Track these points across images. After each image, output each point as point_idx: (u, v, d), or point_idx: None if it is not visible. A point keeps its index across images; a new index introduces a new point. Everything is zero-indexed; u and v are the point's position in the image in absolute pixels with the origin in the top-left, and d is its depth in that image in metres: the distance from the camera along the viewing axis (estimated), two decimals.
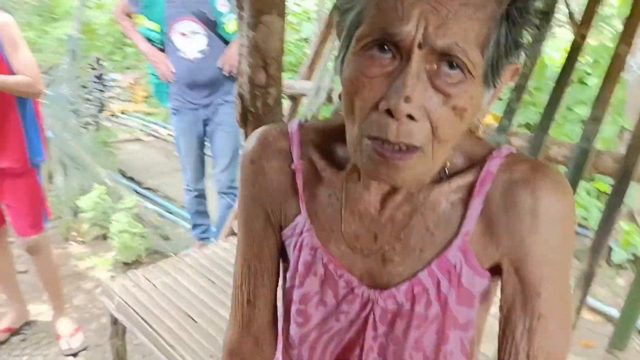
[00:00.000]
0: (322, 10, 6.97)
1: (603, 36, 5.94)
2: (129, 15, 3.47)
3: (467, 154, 0.80)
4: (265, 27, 2.28)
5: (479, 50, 0.64)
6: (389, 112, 0.63)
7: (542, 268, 0.74)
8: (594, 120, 1.77)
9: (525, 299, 0.75)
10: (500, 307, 0.80)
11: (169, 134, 6.47)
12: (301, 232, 0.85)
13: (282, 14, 2.29)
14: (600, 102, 1.76)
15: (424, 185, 0.78)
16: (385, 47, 0.64)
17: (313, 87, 2.65)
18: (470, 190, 0.78)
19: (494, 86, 0.69)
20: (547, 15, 0.68)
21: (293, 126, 0.89)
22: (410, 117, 0.63)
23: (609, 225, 1.74)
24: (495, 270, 0.79)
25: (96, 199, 4.09)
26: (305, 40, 8.00)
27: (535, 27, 0.68)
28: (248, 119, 2.54)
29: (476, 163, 0.78)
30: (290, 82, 2.71)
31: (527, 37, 0.68)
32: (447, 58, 0.63)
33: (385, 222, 0.81)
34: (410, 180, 0.69)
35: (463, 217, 0.77)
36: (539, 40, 0.71)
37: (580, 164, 1.76)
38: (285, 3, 2.29)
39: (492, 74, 0.68)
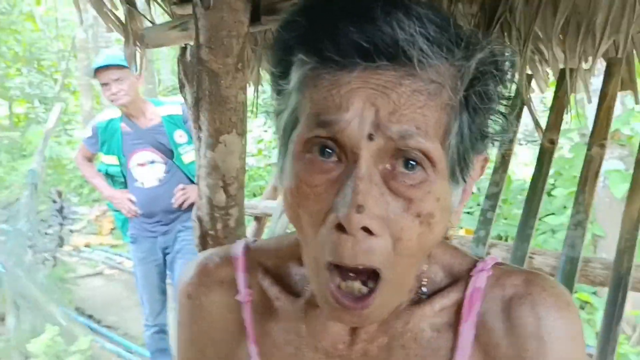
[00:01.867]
0: None
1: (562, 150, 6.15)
2: (90, 159, 3.53)
3: (447, 267, 0.71)
4: (224, 147, 2.20)
5: (439, 141, 0.56)
6: (341, 227, 0.54)
7: None
8: (577, 225, 1.66)
9: None
10: None
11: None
12: None
13: (241, 132, 2.22)
14: (581, 205, 1.66)
15: (399, 309, 0.68)
16: (327, 148, 0.56)
17: (278, 206, 2.51)
18: (457, 312, 0.68)
19: (464, 181, 0.61)
20: (512, 100, 0.58)
21: (238, 249, 0.77)
22: (367, 230, 0.54)
23: (610, 340, 1.54)
24: None
25: (48, 341, 3.76)
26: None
27: (501, 115, 0.61)
28: (208, 243, 2.38)
29: (459, 278, 0.70)
30: (254, 202, 2.59)
31: (493, 126, 0.62)
32: (403, 154, 0.55)
33: (357, 359, 0.69)
34: (379, 317, 0.61)
35: (454, 347, 0.67)
36: (507, 129, 0.63)
37: (569, 273, 1.61)
38: (246, 123, 2.23)
39: (459, 168, 0.60)
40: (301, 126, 0.58)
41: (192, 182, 3.22)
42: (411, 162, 0.55)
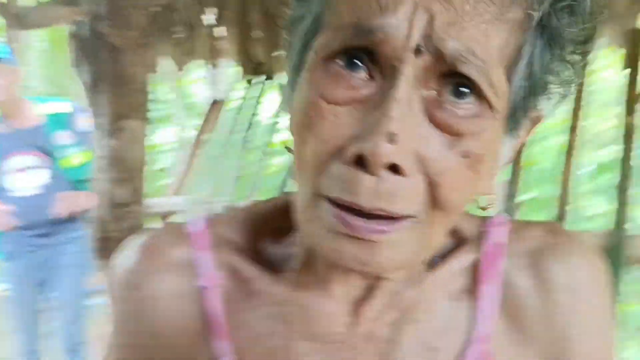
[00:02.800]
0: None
1: None
2: None
3: (454, 229, 0.61)
4: (127, 134, 1.94)
5: (503, 70, 0.45)
6: (361, 162, 0.42)
7: None
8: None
9: None
10: None
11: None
12: None
13: (144, 117, 1.97)
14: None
15: (414, 273, 0.57)
16: (357, 60, 0.43)
17: (187, 202, 2.29)
18: (476, 274, 0.59)
19: (516, 135, 0.50)
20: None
21: (197, 224, 0.61)
22: (395, 168, 0.41)
23: None
24: None
25: None
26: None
27: (577, 56, 0.49)
28: (110, 247, 2.10)
29: (470, 240, 0.60)
30: (157, 200, 2.34)
31: (563, 70, 0.49)
32: (456, 79, 0.43)
33: (361, 344, 0.58)
34: (394, 266, 0.47)
35: (475, 315, 0.58)
36: (575, 79, 0.50)
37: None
38: (147, 107, 1.99)
39: (517, 114, 0.48)
40: (329, 33, 0.45)
41: (79, 188, 2.87)
42: (464, 88, 0.44)
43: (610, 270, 0.64)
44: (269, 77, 2.39)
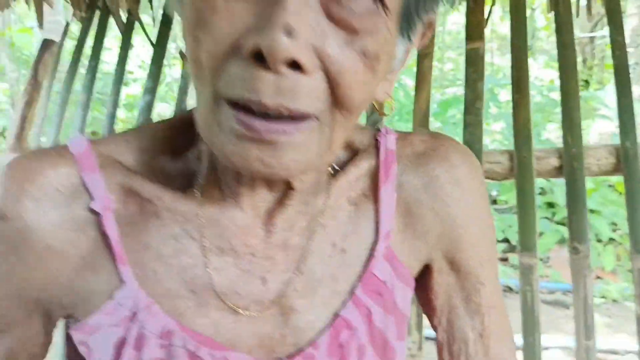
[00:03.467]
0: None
1: None
2: None
3: (348, 142, 0.64)
4: None
5: None
6: (259, 57, 0.41)
7: (480, 249, 0.65)
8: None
9: (467, 296, 0.65)
10: (433, 324, 0.67)
11: None
12: (133, 315, 0.55)
13: None
14: None
15: (319, 181, 0.59)
16: None
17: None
18: (373, 179, 0.62)
19: (409, 39, 0.51)
20: None
21: (79, 144, 0.56)
22: (295, 64, 0.42)
23: None
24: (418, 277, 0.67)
25: None
26: None
27: None
28: None
29: (362, 150, 0.64)
30: None
31: None
32: None
33: (276, 253, 0.58)
34: (298, 168, 0.47)
35: (377, 214, 0.62)
36: None
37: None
38: None
39: (411, 17, 0.49)
40: None
41: None
42: None
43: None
44: (105, 13, 2.18)
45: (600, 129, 6.22)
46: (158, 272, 0.55)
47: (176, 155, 0.58)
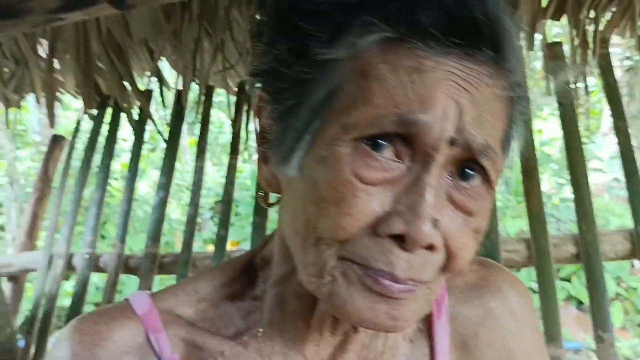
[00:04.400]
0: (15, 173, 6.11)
1: None
2: None
3: None
4: None
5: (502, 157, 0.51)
6: (396, 239, 0.46)
7: None
8: None
9: None
10: None
11: None
12: None
13: None
14: None
15: None
16: (383, 141, 0.46)
17: (42, 257, 2.04)
18: (427, 314, 0.60)
19: None
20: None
21: (141, 302, 0.57)
22: (430, 247, 0.46)
23: None
24: None
25: None
26: None
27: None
28: None
29: None
30: (6, 259, 2.06)
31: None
32: (467, 165, 0.48)
33: None
34: (414, 319, 0.51)
35: (432, 351, 0.62)
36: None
37: None
38: None
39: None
40: (361, 114, 0.46)
41: None
42: (469, 171, 0.48)
43: None
44: (117, 110, 2.23)
45: (595, 180, 6.31)
46: None
47: (235, 299, 0.60)
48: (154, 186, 6.45)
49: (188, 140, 6.94)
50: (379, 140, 0.46)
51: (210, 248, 5.52)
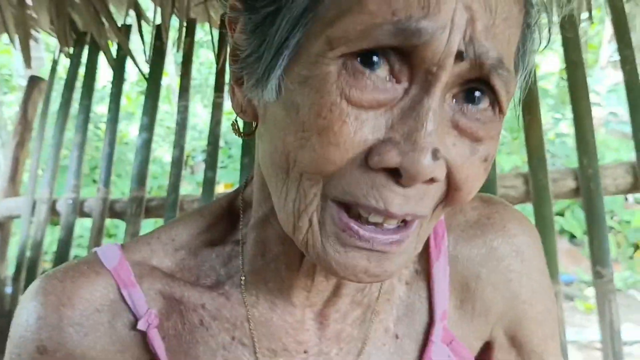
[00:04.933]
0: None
1: None
2: None
3: None
4: None
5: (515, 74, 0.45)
6: (391, 172, 0.40)
7: (544, 326, 0.62)
8: None
9: None
10: None
11: None
12: None
13: None
14: None
15: None
16: (376, 57, 0.39)
17: (25, 203, 1.99)
18: (425, 253, 0.58)
19: None
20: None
21: (111, 256, 0.53)
22: (431, 180, 0.41)
23: None
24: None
25: None
26: None
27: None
28: None
29: None
30: None
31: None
32: (474, 85, 0.42)
33: (329, 349, 0.55)
34: (396, 273, 0.46)
35: (430, 293, 0.58)
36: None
37: None
38: None
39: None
40: (351, 23, 0.39)
41: None
42: (478, 92, 0.42)
43: None
44: (95, 48, 2.12)
45: (597, 113, 6.27)
46: None
47: (214, 245, 0.56)
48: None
49: (177, 80, 6.79)
50: (373, 57, 0.39)
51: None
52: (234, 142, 5.99)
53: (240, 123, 0.53)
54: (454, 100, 0.42)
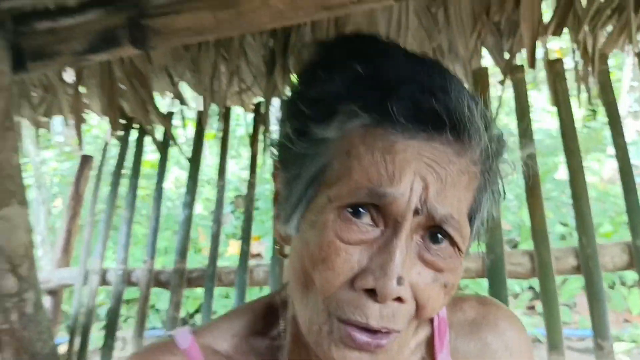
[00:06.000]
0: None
1: None
2: None
3: None
4: (6, 222, 1.82)
5: (468, 222, 0.58)
6: (370, 292, 0.53)
7: None
8: None
9: None
10: None
11: None
12: None
13: (23, 201, 1.87)
14: None
15: None
16: (362, 209, 0.54)
17: (78, 273, 2.19)
18: (430, 345, 0.70)
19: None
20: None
21: (183, 338, 0.68)
22: (399, 299, 0.54)
23: None
24: None
25: None
26: None
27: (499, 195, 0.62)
28: (2, 339, 1.96)
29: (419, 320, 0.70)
30: (45, 274, 2.21)
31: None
32: (435, 230, 0.55)
33: None
34: None
35: None
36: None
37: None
38: (25, 189, 1.88)
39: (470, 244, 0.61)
40: (343, 188, 0.55)
41: None
42: (440, 235, 0.56)
43: None
44: (141, 131, 2.36)
45: (613, 164, 6.30)
46: None
47: (263, 334, 0.69)
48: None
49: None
50: (359, 209, 0.54)
51: (232, 242, 5.70)
52: (260, 195, 6.20)
53: None
54: (422, 239, 0.55)
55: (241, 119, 2.46)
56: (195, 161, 2.23)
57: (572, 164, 1.74)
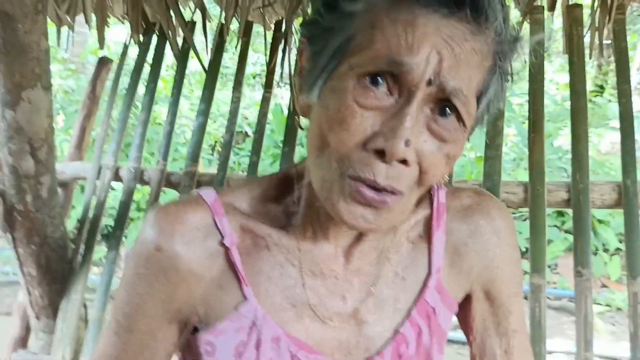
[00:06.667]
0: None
1: None
2: None
3: None
4: (28, 104, 1.89)
5: (475, 100, 0.62)
6: (379, 153, 0.58)
7: (510, 285, 0.80)
8: None
9: (498, 321, 0.80)
10: (469, 340, 0.83)
11: None
12: (253, 324, 0.71)
13: (47, 86, 1.94)
14: None
15: (389, 227, 0.71)
16: (380, 78, 0.59)
17: (92, 168, 2.28)
18: (428, 224, 0.78)
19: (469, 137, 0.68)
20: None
21: (209, 195, 0.74)
22: (404, 161, 0.59)
23: None
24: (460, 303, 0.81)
25: None
26: None
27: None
28: (16, 220, 2.06)
29: (422, 201, 0.78)
30: (59, 166, 2.30)
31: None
32: (444, 103, 0.60)
33: (351, 278, 0.74)
34: (387, 225, 0.64)
35: (430, 253, 0.77)
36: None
37: None
38: (50, 74, 1.95)
39: (478, 124, 0.67)
40: (364, 57, 0.59)
41: None
42: (449, 110, 0.60)
43: None
44: (162, 38, 2.40)
45: (612, 138, 6.38)
46: (269, 290, 0.72)
47: (278, 201, 0.75)
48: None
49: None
50: (377, 77, 0.58)
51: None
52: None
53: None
54: (431, 112, 0.60)
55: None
56: (212, 72, 2.28)
57: (575, 107, 1.81)
